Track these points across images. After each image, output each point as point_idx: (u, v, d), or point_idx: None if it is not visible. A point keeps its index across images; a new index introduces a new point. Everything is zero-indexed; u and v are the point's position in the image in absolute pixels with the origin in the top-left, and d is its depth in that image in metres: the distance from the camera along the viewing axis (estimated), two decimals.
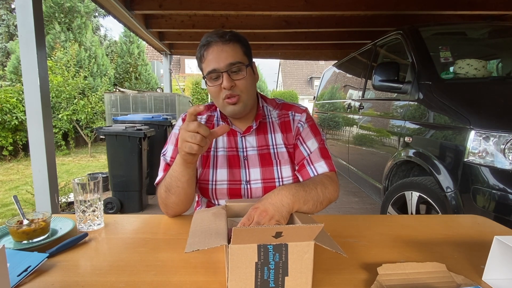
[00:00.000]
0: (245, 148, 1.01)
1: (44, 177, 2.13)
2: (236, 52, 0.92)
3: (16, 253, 0.66)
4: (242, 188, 0.99)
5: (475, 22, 3.50)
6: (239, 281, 0.52)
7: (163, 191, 0.90)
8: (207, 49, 0.92)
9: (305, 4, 3.60)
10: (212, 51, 0.91)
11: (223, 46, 0.90)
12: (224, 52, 0.90)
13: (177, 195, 0.88)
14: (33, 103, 2.09)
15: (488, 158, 1.51)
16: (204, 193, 1.01)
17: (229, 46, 0.91)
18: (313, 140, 1.01)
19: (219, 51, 0.90)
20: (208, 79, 0.93)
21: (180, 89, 10.05)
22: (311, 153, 0.99)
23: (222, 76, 0.90)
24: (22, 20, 2.04)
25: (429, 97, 1.95)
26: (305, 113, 1.06)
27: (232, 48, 0.91)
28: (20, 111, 6.20)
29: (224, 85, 0.90)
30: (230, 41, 0.92)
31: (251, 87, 0.96)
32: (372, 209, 3.41)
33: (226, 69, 0.90)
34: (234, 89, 0.91)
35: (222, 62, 0.90)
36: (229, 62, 0.90)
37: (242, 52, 0.94)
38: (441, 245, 0.76)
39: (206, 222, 0.61)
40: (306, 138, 1.01)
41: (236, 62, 0.91)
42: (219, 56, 0.90)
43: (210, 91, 0.96)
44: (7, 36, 13.19)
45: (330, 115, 4.19)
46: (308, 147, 1.00)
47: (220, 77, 0.91)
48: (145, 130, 3.17)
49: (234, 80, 0.91)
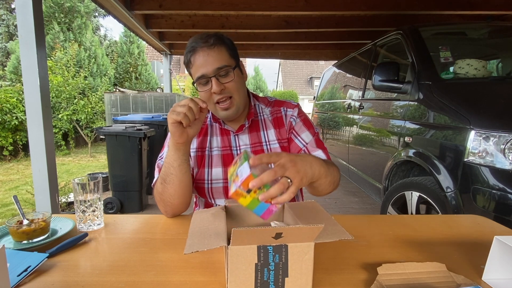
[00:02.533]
0: (238, 147, 1.03)
1: (44, 177, 2.13)
2: (222, 55, 0.92)
3: (16, 253, 0.66)
4: None
5: (475, 22, 3.50)
6: (239, 282, 0.52)
7: (159, 184, 0.89)
8: (193, 55, 0.92)
9: (305, 4, 3.60)
10: (198, 56, 0.91)
11: (209, 51, 0.91)
12: (210, 57, 0.90)
13: (172, 184, 0.86)
14: (33, 103, 2.09)
15: (488, 158, 1.51)
16: (201, 192, 1.02)
17: (215, 51, 0.91)
18: (307, 133, 1.03)
19: (205, 56, 0.91)
20: (197, 84, 0.94)
21: (180, 89, 10.05)
22: (307, 144, 1.01)
23: (211, 81, 0.91)
24: (22, 20, 2.04)
25: (429, 97, 1.95)
26: (297, 108, 1.07)
27: (218, 52, 0.92)
28: (20, 111, 6.20)
29: (213, 90, 0.91)
30: (215, 45, 0.92)
31: (241, 88, 0.97)
32: (372, 209, 3.41)
33: (214, 73, 0.90)
34: (225, 91, 0.92)
35: (210, 67, 0.90)
36: (216, 67, 0.90)
37: (228, 54, 0.94)
38: (441, 245, 0.76)
39: (205, 222, 0.61)
40: (299, 131, 1.03)
41: (223, 66, 0.91)
42: (205, 61, 0.90)
43: (201, 96, 0.96)
44: (7, 36, 13.20)
45: (330, 115, 4.19)
46: (303, 139, 1.02)
47: (209, 82, 0.92)
48: (145, 130, 3.17)
49: (223, 83, 0.92)
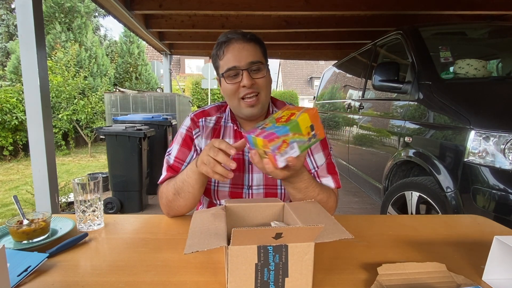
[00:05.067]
0: None
1: (44, 177, 2.13)
2: (256, 51, 0.92)
3: (16, 253, 0.66)
4: (244, 192, 0.99)
5: (475, 22, 3.50)
6: (239, 282, 0.52)
7: (171, 193, 0.89)
8: (227, 46, 0.90)
9: (305, 4, 3.59)
10: (233, 48, 0.90)
11: (245, 45, 0.90)
12: (245, 50, 0.90)
13: (185, 199, 0.88)
14: (33, 103, 2.08)
15: (488, 158, 1.51)
16: (207, 192, 1.01)
17: (251, 45, 0.91)
18: (321, 154, 0.99)
19: (240, 49, 0.89)
20: (225, 76, 0.91)
21: (180, 89, 10.05)
22: (318, 168, 0.98)
23: (242, 74, 0.89)
24: (22, 20, 2.04)
25: (429, 97, 1.95)
26: None
27: (253, 48, 0.91)
28: (20, 111, 6.20)
29: (244, 83, 0.89)
30: (252, 40, 0.92)
31: (269, 87, 0.95)
32: (372, 209, 3.41)
33: (247, 67, 0.89)
34: (254, 87, 0.90)
35: (243, 60, 0.89)
36: (250, 61, 0.89)
37: (261, 52, 0.94)
38: (441, 245, 0.76)
39: (205, 222, 0.61)
40: (314, 150, 0.99)
41: (257, 61, 0.90)
42: (240, 54, 0.89)
43: (226, 90, 0.93)
44: (7, 36, 13.19)
45: (330, 115, 4.19)
46: (315, 160, 0.99)
47: (239, 74, 0.90)
48: (145, 130, 3.17)
49: (254, 78, 0.90)
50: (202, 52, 6.40)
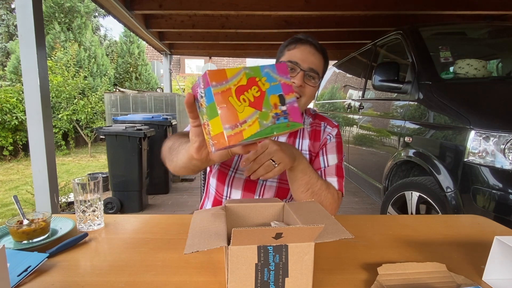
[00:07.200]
0: None
1: (44, 177, 2.13)
2: (320, 63, 0.98)
3: (16, 253, 0.66)
4: (258, 183, 1.01)
5: (475, 22, 3.50)
6: (239, 282, 0.52)
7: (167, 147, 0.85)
8: (301, 44, 0.97)
9: (305, 4, 3.60)
10: (304, 48, 0.96)
11: (315, 52, 0.97)
12: (313, 56, 0.96)
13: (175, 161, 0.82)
14: (33, 103, 2.09)
15: (488, 158, 1.51)
16: (221, 177, 1.01)
17: (319, 55, 0.98)
18: (335, 156, 1.03)
19: (310, 53, 0.95)
20: None
21: (180, 89, 10.05)
22: (327, 166, 1.01)
23: (298, 73, 0.93)
24: (22, 20, 2.04)
25: (429, 97, 1.95)
26: (337, 128, 1.09)
27: (319, 59, 0.98)
28: (20, 111, 6.19)
29: (295, 81, 0.93)
30: (321, 52, 0.98)
31: (312, 97, 0.99)
32: (372, 209, 3.41)
33: (306, 69, 0.94)
34: (301, 89, 0.94)
35: (307, 63, 0.94)
36: (311, 67, 0.94)
37: (323, 67, 1.00)
38: (441, 245, 0.75)
39: (205, 222, 0.61)
40: (329, 151, 1.04)
41: (316, 71, 0.96)
42: (307, 56, 0.95)
43: None
44: (7, 36, 13.19)
45: (330, 115, 4.18)
46: (327, 159, 1.02)
47: (295, 71, 0.94)
48: (145, 130, 3.17)
49: (306, 83, 0.95)
50: (202, 52, 6.39)
